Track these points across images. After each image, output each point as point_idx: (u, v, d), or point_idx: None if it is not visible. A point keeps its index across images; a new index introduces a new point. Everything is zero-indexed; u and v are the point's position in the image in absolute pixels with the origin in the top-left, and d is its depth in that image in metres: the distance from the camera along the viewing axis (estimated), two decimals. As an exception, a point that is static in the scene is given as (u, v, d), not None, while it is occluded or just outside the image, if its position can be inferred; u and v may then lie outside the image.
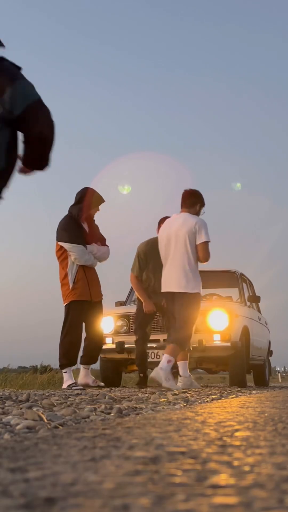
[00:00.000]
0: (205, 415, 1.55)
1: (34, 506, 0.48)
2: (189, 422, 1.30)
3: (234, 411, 1.74)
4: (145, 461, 0.72)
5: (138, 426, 1.20)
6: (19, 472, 0.64)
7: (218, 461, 0.72)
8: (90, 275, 4.76)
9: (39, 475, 0.62)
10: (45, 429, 1.30)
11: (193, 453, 0.79)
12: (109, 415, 1.75)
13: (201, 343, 5.51)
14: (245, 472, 0.64)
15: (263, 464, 0.70)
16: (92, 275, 4.80)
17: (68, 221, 4.82)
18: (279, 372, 24.96)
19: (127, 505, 0.48)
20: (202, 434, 1.03)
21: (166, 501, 0.50)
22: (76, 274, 4.68)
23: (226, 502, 0.50)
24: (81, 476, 0.61)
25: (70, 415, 1.72)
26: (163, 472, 0.64)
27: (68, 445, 0.88)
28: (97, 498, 0.51)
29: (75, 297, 4.67)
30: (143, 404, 2.35)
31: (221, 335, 5.59)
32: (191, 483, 0.58)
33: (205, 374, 10.99)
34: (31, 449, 0.84)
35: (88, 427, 1.21)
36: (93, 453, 0.79)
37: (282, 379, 20.90)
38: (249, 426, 1.20)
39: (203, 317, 5.69)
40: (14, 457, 0.76)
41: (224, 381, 17.01)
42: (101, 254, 4.86)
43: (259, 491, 0.54)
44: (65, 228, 4.78)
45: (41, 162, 2.23)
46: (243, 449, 0.83)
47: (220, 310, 5.61)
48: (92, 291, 4.72)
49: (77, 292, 4.65)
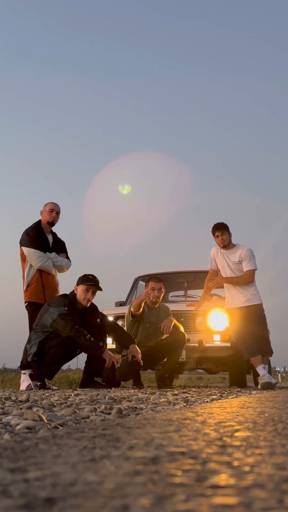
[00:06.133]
0: (205, 415, 1.55)
1: (34, 506, 0.48)
2: (189, 422, 1.30)
3: (234, 411, 1.74)
4: (145, 461, 0.72)
5: (138, 426, 1.20)
6: (19, 472, 0.64)
7: (218, 461, 0.72)
8: (47, 281, 5.00)
9: (39, 475, 0.62)
10: (45, 430, 1.30)
11: (193, 453, 0.79)
12: (109, 416, 1.75)
13: (201, 343, 5.51)
14: (245, 472, 0.64)
15: (263, 464, 0.70)
16: (49, 281, 5.08)
17: (33, 228, 5.11)
18: (279, 372, 24.97)
19: (127, 505, 0.48)
20: (202, 434, 1.03)
21: (166, 501, 0.50)
22: (31, 278, 4.98)
23: (226, 502, 0.50)
24: (81, 476, 0.61)
25: (70, 415, 1.73)
26: (163, 472, 0.64)
27: (68, 445, 0.88)
28: (97, 498, 0.51)
29: (27, 298, 4.97)
30: (143, 404, 2.35)
31: (221, 335, 5.59)
32: (191, 483, 0.58)
33: (205, 374, 11.00)
34: (31, 449, 0.84)
35: (88, 427, 1.21)
36: (93, 453, 0.79)
37: (282, 379, 20.90)
38: (249, 426, 1.20)
39: (203, 317, 5.70)
40: (14, 457, 0.76)
41: (224, 381, 17.02)
42: (60, 263, 5.14)
43: (259, 491, 0.54)
44: (28, 233, 5.07)
45: None
46: (243, 450, 0.83)
47: (220, 310, 5.61)
48: (47, 295, 4.93)
49: (27, 294, 4.97)
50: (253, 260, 5.31)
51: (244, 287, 5.29)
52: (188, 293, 7.28)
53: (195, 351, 5.55)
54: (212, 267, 5.54)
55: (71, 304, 4.52)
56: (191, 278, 7.03)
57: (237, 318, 5.27)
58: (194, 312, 5.72)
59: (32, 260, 4.95)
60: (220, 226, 5.39)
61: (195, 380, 21.51)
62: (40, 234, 5.07)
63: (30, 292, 4.97)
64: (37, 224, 5.16)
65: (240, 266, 5.30)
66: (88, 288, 4.59)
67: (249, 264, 5.27)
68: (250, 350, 5.14)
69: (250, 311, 5.24)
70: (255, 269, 5.31)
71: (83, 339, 4.29)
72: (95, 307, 4.75)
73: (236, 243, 5.45)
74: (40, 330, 4.49)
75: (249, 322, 5.20)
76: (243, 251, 5.31)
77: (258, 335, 5.19)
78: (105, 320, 4.80)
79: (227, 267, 5.36)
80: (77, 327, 4.32)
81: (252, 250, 5.35)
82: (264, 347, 5.21)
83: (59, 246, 5.22)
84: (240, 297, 5.28)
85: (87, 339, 4.31)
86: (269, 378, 4.96)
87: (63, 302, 4.50)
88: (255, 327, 5.21)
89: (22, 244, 5.03)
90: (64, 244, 5.30)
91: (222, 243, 5.36)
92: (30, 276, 4.98)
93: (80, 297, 4.59)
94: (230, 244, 5.41)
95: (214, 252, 5.49)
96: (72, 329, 4.28)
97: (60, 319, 4.33)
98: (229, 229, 5.42)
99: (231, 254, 5.36)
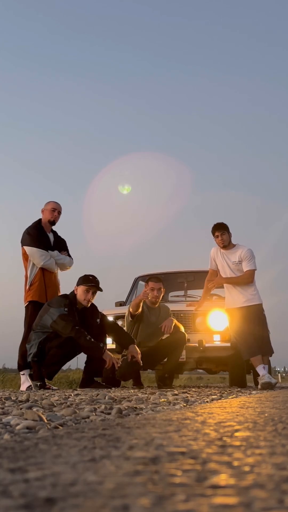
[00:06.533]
0: (205, 415, 1.54)
1: (34, 507, 0.48)
2: (189, 422, 1.30)
3: (234, 411, 1.74)
4: (145, 461, 0.72)
5: (138, 426, 1.20)
6: (19, 472, 0.64)
7: (218, 461, 0.72)
8: (49, 280, 4.99)
9: (39, 475, 0.62)
10: (45, 430, 1.30)
11: (193, 453, 0.79)
12: (109, 416, 1.75)
13: (201, 343, 5.51)
14: (245, 472, 0.64)
15: (263, 464, 0.70)
16: (51, 280, 5.03)
17: (33, 227, 5.09)
18: (279, 372, 24.97)
19: (127, 505, 0.48)
20: (202, 434, 1.03)
21: (166, 501, 0.50)
22: (34, 277, 4.92)
23: (226, 502, 0.50)
24: (81, 476, 0.61)
25: (70, 415, 1.72)
26: (163, 472, 0.64)
27: (68, 445, 0.88)
28: (97, 498, 0.51)
29: (30, 298, 4.93)
30: (143, 404, 2.35)
31: (221, 335, 5.59)
32: (191, 483, 0.58)
33: (205, 374, 11.00)
34: (31, 449, 0.84)
35: (88, 427, 1.21)
36: (93, 453, 0.79)
37: (282, 379, 20.89)
38: (249, 427, 1.20)
39: (203, 317, 5.70)
40: (14, 457, 0.76)
41: (224, 381, 17.02)
42: (63, 261, 5.13)
43: (259, 491, 0.54)
44: (29, 232, 5.05)
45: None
46: (243, 449, 0.83)
47: (220, 310, 5.61)
48: (49, 294, 4.90)
49: (31, 294, 4.95)
50: (253, 260, 5.31)
51: (244, 287, 5.29)
52: (188, 293, 7.28)
53: (195, 351, 5.55)
54: (212, 267, 5.54)
55: (71, 305, 4.51)
56: (191, 278, 7.03)
57: (237, 318, 5.27)
58: (194, 312, 5.72)
59: (35, 258, 4.93)
60: (220, 226, 5.39)
61: (195, 380, 21.52)
62: (41, 233, 5.06)
63: (33, 291, 4.94)
64: (37, 223, 5.14)
65: (240, 266, 5.30)
66: (88, 288, 4.59)
67: (248, 264, 5.27)
68: (250, 350, 5.14)
69: (250, 311, 5.24)
70: (255, 269, 5.31)
71: (83, 340, 4.28)
72: (95, 307, 4.75)
73: (236, 243, 5.45)
74: (40, 331, 4.48)
75: (249, 322, 5.20)
76: (243, 251, 5.31)
77: (258, 335, 5.19)
78: (105, 320, 4.80)
79: (227, 267, 5.36)
80: (78, 328, 4.32)
81: (252, 250, 5.35)
82: (264, 347, 5.21)
83: (60, 244, 5.21)
84: (240, 297, 5.28)
85: (88, 340, 4.31)
86: (269, 378, 4.96)
87: (63, 302, 4.50)
88: (255, 327, 5.21)
89: (24, 244, 5.01)
90: (65, 242, 5.29)
91: (222, 243, 5.36)
92: (33, 275, 4.94)
93: (80, 298, 4.59)
94: (230, 244, 5.41)
95: (214, 252, 5.49)
96: (72, 330, 4.28)
97: (61, 320, 4.33)
98: (229, 229, 5.42)
99: (231, 254, 5.36)
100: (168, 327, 5.00)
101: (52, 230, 5.23)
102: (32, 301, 4.91)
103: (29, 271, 4.96)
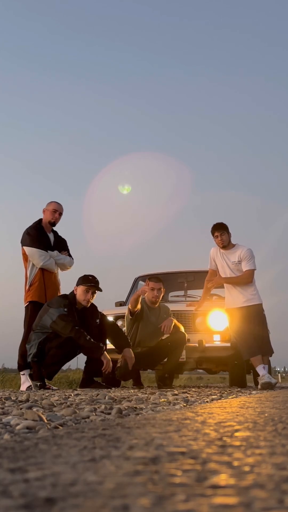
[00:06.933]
0: (205, 415, 1.54)
1: (34, 506, 0.48)
2: (189, 422, 1.30)
3: (234, 411, 1.74)
4: (145, 461, 0.72)
5: (138, 426, 1.20)
6: (19, 472, 0.64)
7: (218, 461, 0.72)
8: (49, 280, 4.99)
9: (39, 475, 0.62)
10: (45, 430, 1.30)
11: (193, 453, 0.79)
12: (109, 416, 1.75)
13: (201, 343, 5.51)
14: (245, 472, 0.64)
15: (263, 464, 0.70)
16: (51, 280, 5.03)
17: (33, 227, 5.09)
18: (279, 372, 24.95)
19: (127, 505, 0.48)
20: (202, 435, 1.03)
21: (166, 501, 0.50)
22: (33, 277, 4.91)
23: (226, 502, 0.50)
24: (81, 476, 0.61)
25: (70, 415, 1.72)
26: (163, 472, 0.64)
27: (68, 445, 0.88)
28: (97, 498, 0.51)
29: (30, 298, 4.94)
30: (143, 404, 2.35)
31: (221, 335, 5.59)
32: (191, 483, 0.58)
33: (205, 374, 11.00)
34: (31, 450, 0.84)
35: (88, 427, 1.21)
36: (93, 453, 0.79)
37: (282, 379, 20.89)
38: (249, 427, 1.20)
39: (203, 317, 5.70)
40: (14, 457, 0.76)
41: (224, 381, 17.03)
42: (62, 261, 5.12)
43: (259, 491, 0.54)
44: (28, 232, 5.05)
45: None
46: (243, 450, 0.83)
47: (220, 310, 5.61)
48: (48, 294, 4.90)
49: (30, 294, 4.95)
50: (252, 260, 5.31)
51: (244, 287, 5.29)
52: (188, 293, 7.28)
53: (195, 351, 5.55)
54: (212, 267, 5.54)
55: (70, 305, 4.51)
56: (191, 278, 7.03)
57: (237, 318, 5.27)
58: (194, 312, 5.72)
59: (35, 259, 4.93)
60: (219, 226, 5.39)
61: (195, 380, 21.51)
62: (41, 233, 5.06)
63: (33, 291, 4.94)
64: (37, 223, 5.14)
65: (239, 266, 5.30)
66: (88, 288, 4.59)
67: (248, 264, 5.27)
68: (250, 350, 5.14)
69: (250, 311, 5.24)
70: (254, 269, 5.31)
71: (83, 340, 4.28)
72: (94, 307, 4.75)
73: (236, 243, 5.45)
74: (40, 331, 4.48)
75: (249, 322, 5.20)
76: (242, 251, 5.31)
77: (258, 335, 5.19)
78: (104, 320, 4.80)
79: (226, 267, 5.36)
80: (77, 328, 4.32)
81: (252, 250, 5.35)
82: (264, 347, 5.21)
83: (60, 244, 5.21)
84: (240, 297, 5.28)
85: (87, 340, 4.30)
86: (269, 378, 4.96)
87: (63, 302, 4.50)
88: (255, 327, 5.21)
89: (24, 244, 5.01)
90: (66, 242, 5.28)
91: (221, 243, 5.36)
92: (33, 276, 4.95)
93: (80, 298, 4.59)
94: (229, 244, 5.41)
95: (214, 252, 5.49)
96: (72, 330, 4.28)
97: (61, 320, 4.33)
98: (228, 229, 5.42)
99: (231, 254, 5.36)
100: (167, 327, 5.00)
101: (53, 230, 5.23)
102: (32, 301, 4.91)
103: (29, 271, 4.96)
